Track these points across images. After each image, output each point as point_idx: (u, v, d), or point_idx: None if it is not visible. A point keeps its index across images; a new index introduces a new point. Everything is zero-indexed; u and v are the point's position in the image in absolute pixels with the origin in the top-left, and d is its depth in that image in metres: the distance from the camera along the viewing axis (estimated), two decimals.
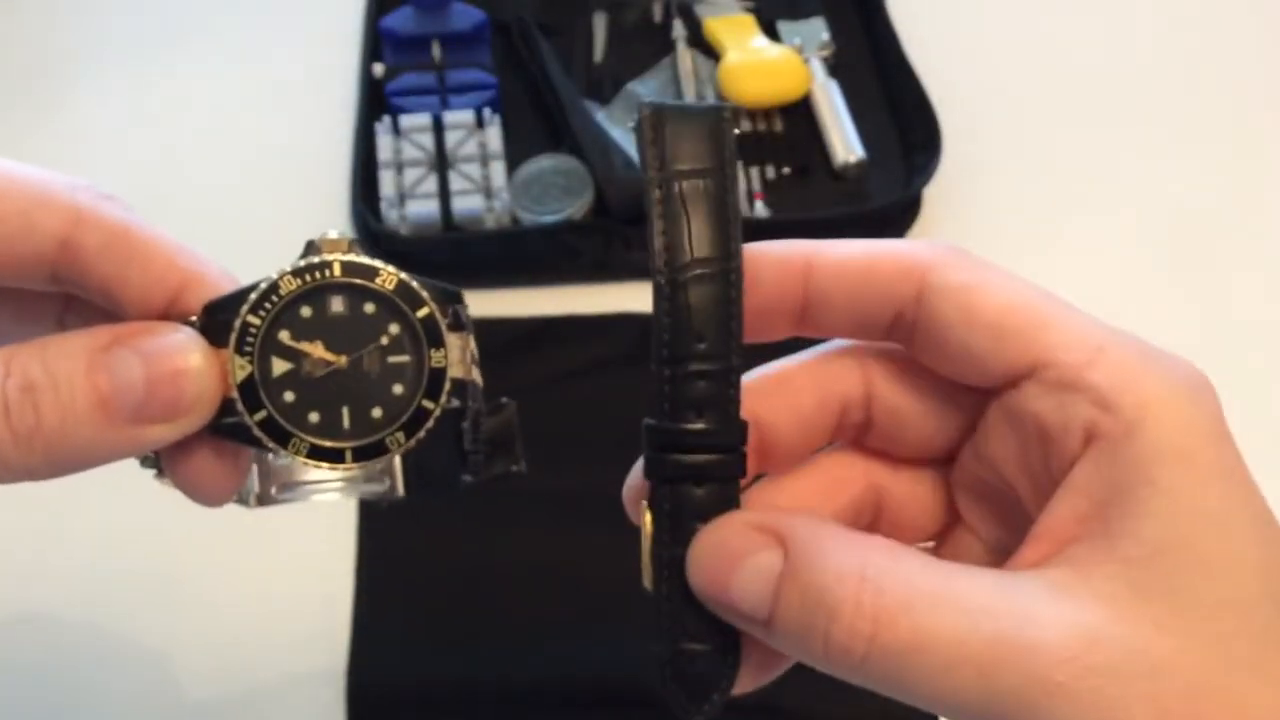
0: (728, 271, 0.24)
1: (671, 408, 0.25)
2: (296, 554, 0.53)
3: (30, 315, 0.29)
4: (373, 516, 0.54)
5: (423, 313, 0.26)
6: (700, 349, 0.24)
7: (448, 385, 0.26)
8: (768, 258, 0.26)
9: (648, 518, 0.25)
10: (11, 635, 0.51)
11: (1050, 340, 0.24)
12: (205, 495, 0.27)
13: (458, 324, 0.27)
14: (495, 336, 0.59)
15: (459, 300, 0.27)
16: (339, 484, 0.35)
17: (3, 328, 0.29)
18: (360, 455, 0.27)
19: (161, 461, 0.27)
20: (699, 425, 0.24)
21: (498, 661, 0.50)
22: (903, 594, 0.22)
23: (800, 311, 0.26)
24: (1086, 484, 0.23)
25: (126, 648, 0.51)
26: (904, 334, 0.26)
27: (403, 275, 0.26)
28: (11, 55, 0.73)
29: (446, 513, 0.54)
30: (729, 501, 0.25)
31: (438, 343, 0.26)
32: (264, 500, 0.34)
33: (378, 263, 0.26)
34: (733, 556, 0.24)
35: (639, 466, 0.26)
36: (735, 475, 0.25)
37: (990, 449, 0.26)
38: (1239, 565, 0.22)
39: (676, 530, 0.25)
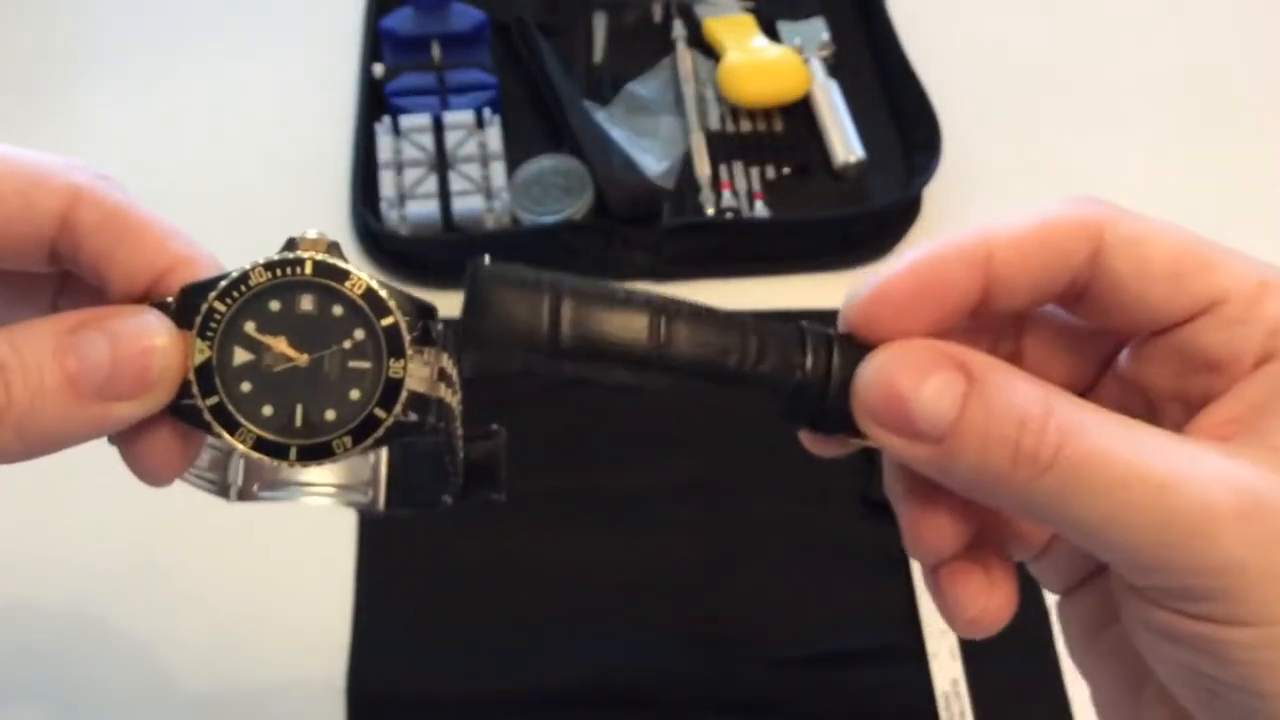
0: (662, 308, 0.25)
1: (775, 382, 0.25)
2: (297, 558, 0.53)
3: (25, 299, 0.29)
4: (373, 520, 0.54)
5: (387, 322, 0.26)
6: (732, 360, 0.25)
7: (403, 396, 0.26)
8: (954, 261, 0.26)
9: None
10: (12, 637, 0.51)
11: (1219, 281, 0.25)
12: (151, 473, 0.27)
13: (426, 339, 0.27)
14: None
15: (432, 315, 0.27)
16: (322, 489, 0.35)
17: None
18: (305, 455, 0.26)
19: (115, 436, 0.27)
20: (795, 363, 0.25)
21: (498, 663, 0.50)
22: (1086, 419, 0.23)
23: (979, 302, 0.26)
24: (1247, 393, 0.25)
25: (125, 652, 0.51)
26: (1074, 294, 0.26)
27: (373, 283, 0.26)
28: (11, 55, 0.73)
29: (446, 515, 0.54)
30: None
31: (399, 353, 0.26)
32: (244, 496, 0.34)
33: (350, 267, 0.26)
34: (917, 370, 0.24)
35: (808, 436, 0.28)
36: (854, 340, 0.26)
37: (1145, 378, 0.27)
38: None
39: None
